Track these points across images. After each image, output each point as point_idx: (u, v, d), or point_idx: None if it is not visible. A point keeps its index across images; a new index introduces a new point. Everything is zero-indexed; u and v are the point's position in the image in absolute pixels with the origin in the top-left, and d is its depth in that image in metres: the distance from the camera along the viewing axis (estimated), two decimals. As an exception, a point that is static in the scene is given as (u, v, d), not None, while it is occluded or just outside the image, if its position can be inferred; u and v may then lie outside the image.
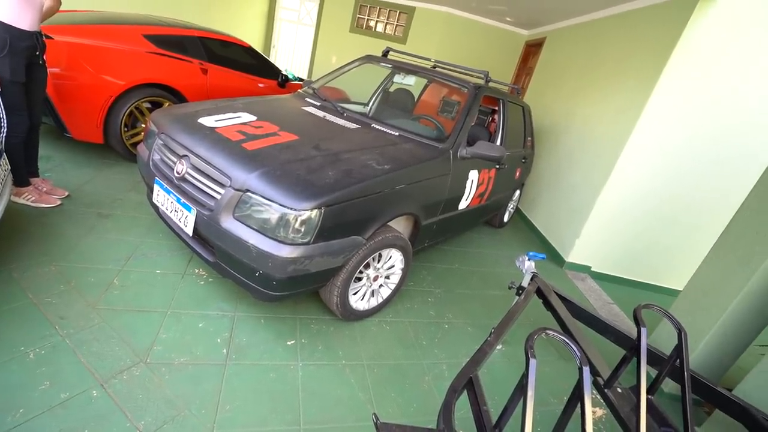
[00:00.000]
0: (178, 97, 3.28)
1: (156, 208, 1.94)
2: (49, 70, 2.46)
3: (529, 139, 3.90)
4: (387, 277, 2.13)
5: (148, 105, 3.14)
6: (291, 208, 1.46)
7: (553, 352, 2.30)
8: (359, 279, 1.95)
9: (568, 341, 1.05)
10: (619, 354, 1.62)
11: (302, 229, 1.49)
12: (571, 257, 3.62)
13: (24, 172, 2.23)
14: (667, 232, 3.47)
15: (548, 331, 1.08)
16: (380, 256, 1.98)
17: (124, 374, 1.43)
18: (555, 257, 3.80)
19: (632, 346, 1.47)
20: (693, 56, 2.83)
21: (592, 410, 1.65)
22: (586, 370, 1.01)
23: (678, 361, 1.39)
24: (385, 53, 3.12)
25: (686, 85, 2.92)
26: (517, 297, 2.11)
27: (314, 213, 1.48)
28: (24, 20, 1.94)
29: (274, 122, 2.04)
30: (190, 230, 1.68)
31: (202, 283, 2.02)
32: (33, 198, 2.23)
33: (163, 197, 1.79)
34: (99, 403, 1.32)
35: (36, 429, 1.20)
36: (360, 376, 1.73)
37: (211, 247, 1.71)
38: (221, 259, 1.66)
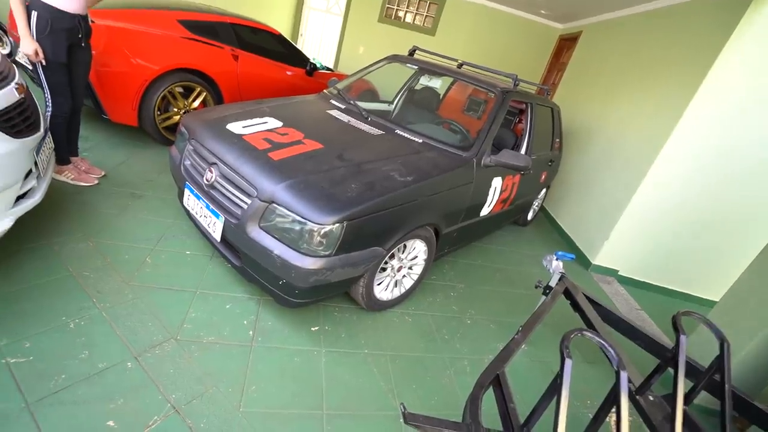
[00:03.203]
0: (209, 82, 3.33)
1: (186, 210, 2.00)
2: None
3: (557, 140, 3.79)
4: (410, 268, 2.12)
5: (181, 89, 3.20)
6: (314, 222, 1.48)
7: (576, 355, 2.25)
8: (383, 269, 1.95)
9: (605, 344, 1.02)
10: (644, 361, 1.56)
11: (324, 242, 1.51)
12: (598, 260, 3.52)
13: (65, 151, 2.32)
14: (702, 239, 3.32)
15: (585, 332, 1.05)
16: (404, 246, 1.97)
17: (156, 349, 1.48)
18: (581, 259, 3.70)
19: (667, 355, 1.42)
20: (743, 56, 2.67)
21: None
22: (624, 374, 0.98)
23: (717, 372, 1.33)
24: (411, 52, 3.07)
25: (732, 86, 2.77)
26: (544, 297, 2.07)
27: (336, 227, 1.50)
28: (66, 2, 1.98)
29: (300, 129, 2.05)
30: (218, 236, 1.72)
31: (229, 266, 2.06)
32: (72, 176, 2.32)
33: (193, 202, 1.84)
34: (133, 374, 1.36)
35: (77, 394, 1.25)
36: (382, 367, 1.73)
37: (237, 253, 1.74)
38: (247, 265, 1.70)
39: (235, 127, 1.96)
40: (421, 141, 2.29)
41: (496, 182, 2.54)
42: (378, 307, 2.03)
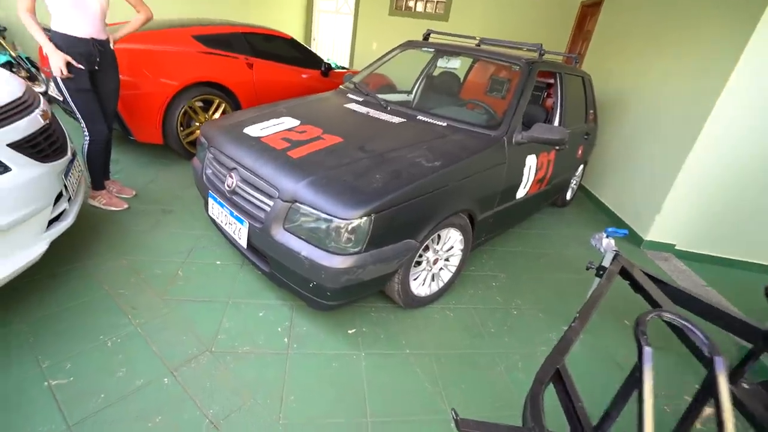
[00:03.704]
0: (226, 92, 3.34)
1: (212, 220, 1.98)
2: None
3: (591, 112, 3.52)
4: (446, 260, 1.99)
5: (200, 103, 3.23)
6: (340, 218, 1.39)
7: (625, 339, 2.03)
8: (419, 263, 1.83)
9: (692, 326, 0.85)
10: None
11: (353, 238, 1.42)
12: (651, 235, 3.22)
13: (100, 177, 2.35)
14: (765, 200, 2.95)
15: (664, 313, 0.89)
16: (439, 237, 1.85)
17: (192, 363, 1.44)
18: (632, 236, 3.41)
19: (760, 337, 1.21)
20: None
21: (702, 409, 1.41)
22: (720, 360, 0.81)
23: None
24: (426, 36, 2.92)
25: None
26: (598, 279, 1.87)
27: (364, 221, 1.41)
28: (76, 27, 1.99)
29: (318, 125, 1.98)
30: (244, 242, 1.67)
31: (260, 272, 2.01)
32: (104, 201, 2.35)
33: (217, 210, 1.80)
34: (170, 390, 1.33)
35: (116, 413, 1.23)
36: (427, 367, 1.62)
37: (265, 258, 1.69)
38: (276, 270, 1.63)
39: (253, 130, 1.91)
40: (445, 124, 2.15)
41: (531, 160, 2.35)
42: (416, 304, 1.91)
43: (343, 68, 4.51)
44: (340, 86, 2.80)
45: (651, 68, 3.60)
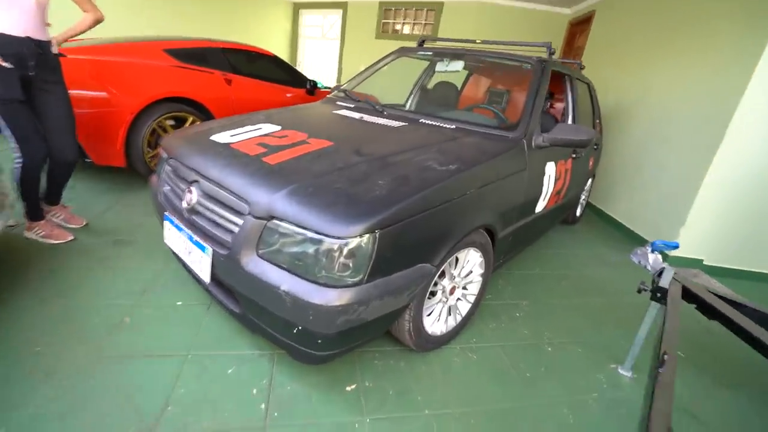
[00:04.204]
0: (201, 110, 3.02)
1: (170, 249, 1.60)
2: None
3: (598, 121, 3.30)
4: (464, 287, 1.61)
5: (172, 122, 2.89)
6: (333, 236, 1.02)
7: (689, 379, 1.65)
8: (433, 294, 1.46)
9: None
10: None
11: (351, 264, 1.04)
12: (676, 250, 2.91)
13: (37, 206, 1.93)
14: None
15: None
16: (456, 260, 1.48)
17: (124, 452, 1.01)
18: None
19: None
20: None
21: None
22: None
23: None
24: (420, 43, 2.69)
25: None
26: (656, 304, 1.51)
27: (366, 239, 1.04)
28: (5, 22, 1.61)
29: (302, 130, 1.63)
30: (207, 276, 1.26)
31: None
32: (43, 233, 1.93)
33: (174, 236, 1.40)
34: (84, 504, 0.89)
35: None
36: (453, 434, 1.21)
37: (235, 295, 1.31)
38: (249, 311, 1.24)
39: (222, 136, 1.56)
40: (453, 127, 1.84)
41: (550, 168, 2.05)
42: (431, 345, 1.52)
43: (329, 88, 4.26)
44: (328, 95, 2.50)
45: (656, 75, 3.43)
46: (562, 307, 2.08)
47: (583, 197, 3.49)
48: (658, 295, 1.48)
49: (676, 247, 1.66)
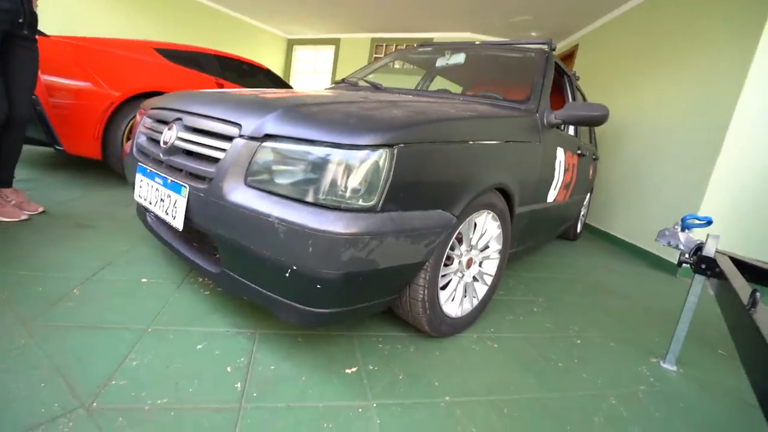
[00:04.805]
0: (190, 109, 2.89)
1: (143, 215, 1.40)
2: (42, 74, 2.12)
3: (593, 135, 3.32)
4: (480, 264, 1.41)
5: (156, 118, 2.73)
6: (344, 146, 0.84)
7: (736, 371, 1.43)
8: (447, 262, 1.24)
9: None
10: None
11: (364, 183, 0.85)
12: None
13: None
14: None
15: None
16: (475, 225, 1.29)
17: (39, 431, 0.72)
18: (658, 264, 2.96)
19: None
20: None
21: None
22: None
23: None
24: (419, 46, 2.68)
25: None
26: (702, 277, 1.33)
27: (382, 155, 0.85)
28: None
29: (302, 92, 1.51)
30: (179, 222, 1.03)
31: (207, 292, 1.35)
32: (-7, 207, 1.69)
33: (146, 187, 1.20)
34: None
35: None
36: (484, 423, 0.94)
37: (214, 252, 1.09)
38: (229, 266, 1.01)
39: (211, 91, 1.40)
40: (462, 99, 1.74)
41: (560, 154, 1.95)
42: (445, 328, 1.27)
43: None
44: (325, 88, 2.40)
45: (645, 93, 3.50)
46: (581, 305, 1.87)
47: (582, 212, 3.40)
48: (703, 266, 1.30)
49: (710, 222, 1.50)
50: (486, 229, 1.35)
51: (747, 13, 2.56)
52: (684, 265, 1.38)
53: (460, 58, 2.31)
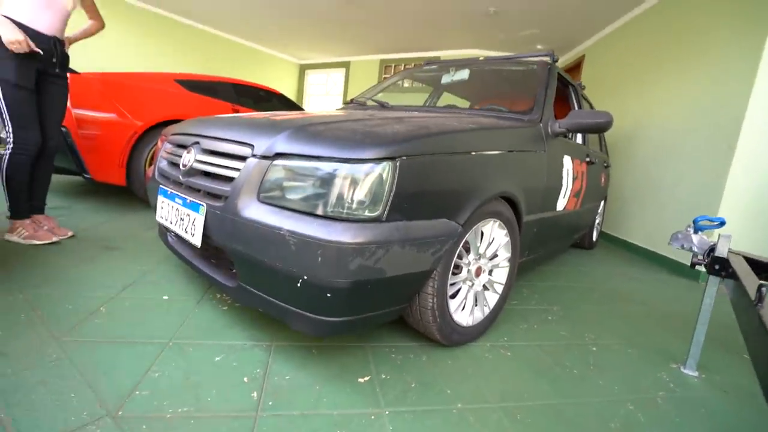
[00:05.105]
0: (207, 135, 3.03)
1: (164, 235, 1.50)
2: (73, 108, 2.29)
3: (604, 143, 3.31)
4: (490, 273, 1.42)
5: (176, 145, 2.88)
6: (348, 160, 0.90)
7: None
8: (456, 271, 1.27)
9: None
10: None
11: (368, 195, 0.90)
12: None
13: (23, 202, 1.83)
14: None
15: None
16: (482, 234, 1.32)
17: (71, 439, 0.77)
18: (679, 270, 2.88)
19: None
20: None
21: None
22: None
23: None
24: (425, 64, 2.77)
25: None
26: (715, 278, 1.31)
27: (385, 168, 0.91)
28: (41, 22, 1.72)
29: (310, 113, 1.60)
30: (198, 239, 1.11)
31: (225, 308, 1.40)
32: (26, 234, 1.80)
33: (167, 208, 1.28)
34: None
35: None
36: (495, 428, 0.95)
37: (231, 268, 1.15)
38: (244, 277, 1.06)
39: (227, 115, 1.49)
40: (467, 113, 1.79)
41: (568, 162, 1.96)
42: (457, 336, 1.28)
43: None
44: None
45: (655, 97, 3.49)
46: (597, 313, 1.84)
47: (597, 220, 3.36)
48: (716, 267, 1.28)
49: (723, 222, 1.48)
50: (493, 237, 1.37)
51: (753, 9, 2.56)
52: (697, 266, 1.36)
53: (464, 74, 2.38)
